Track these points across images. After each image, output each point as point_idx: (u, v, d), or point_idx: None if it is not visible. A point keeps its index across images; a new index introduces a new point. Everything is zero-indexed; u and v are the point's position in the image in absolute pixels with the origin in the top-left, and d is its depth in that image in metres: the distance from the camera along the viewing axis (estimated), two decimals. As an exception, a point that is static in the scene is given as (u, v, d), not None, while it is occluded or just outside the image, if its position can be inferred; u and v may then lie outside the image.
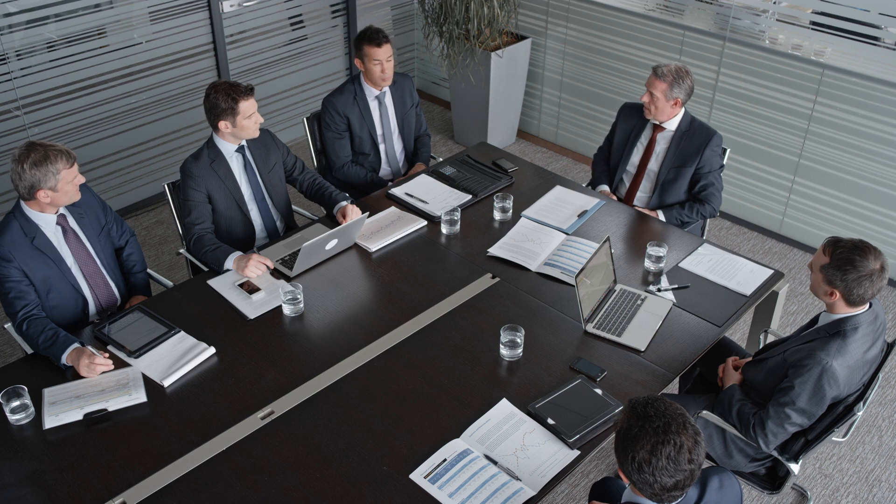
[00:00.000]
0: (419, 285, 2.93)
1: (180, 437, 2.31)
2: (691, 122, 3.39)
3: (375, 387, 2.50)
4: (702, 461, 1.80)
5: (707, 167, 3.35)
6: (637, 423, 1.79)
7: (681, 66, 3.29)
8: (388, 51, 3.57)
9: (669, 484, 1.77)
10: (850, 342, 2.36)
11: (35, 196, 2.60)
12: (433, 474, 2.20)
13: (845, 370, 2.35)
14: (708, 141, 3.32)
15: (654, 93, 3.29)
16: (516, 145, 5.54)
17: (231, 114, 3.02)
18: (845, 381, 2.36)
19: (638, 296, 2.88)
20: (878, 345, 2.46)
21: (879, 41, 3.97)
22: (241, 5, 4.76)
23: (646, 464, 1.76)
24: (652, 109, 3.34)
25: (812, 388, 2.35)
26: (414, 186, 3.51)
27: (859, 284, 2.32)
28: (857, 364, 2.38)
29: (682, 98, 3.30)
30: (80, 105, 4.31)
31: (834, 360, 2.33)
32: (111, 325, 2.69)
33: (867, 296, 2.35)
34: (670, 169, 3.39)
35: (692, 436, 1.78)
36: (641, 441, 1.77)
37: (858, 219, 4.23)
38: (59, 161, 2.58)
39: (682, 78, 3.27)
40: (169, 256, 4.39)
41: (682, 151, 3.37)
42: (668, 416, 1.78)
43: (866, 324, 2.39)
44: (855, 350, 2.37)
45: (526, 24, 5.27)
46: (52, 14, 4.05)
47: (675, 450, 1.75)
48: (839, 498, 3.12)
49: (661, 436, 1.76)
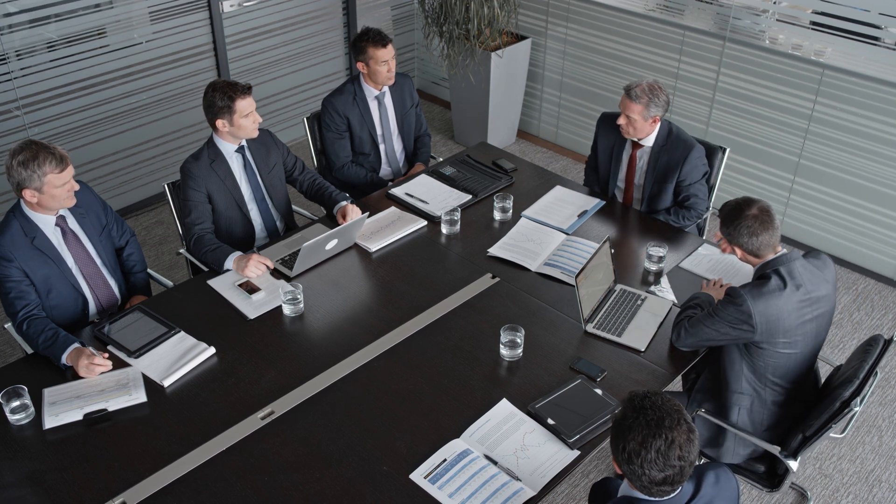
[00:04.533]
0: (419, 285, 2.93)
1: (180, 437, 2.31)
2: (668, 136, 3.32)
3: (375, 387, 2.50)
4: (694, 459, 1.80)
5: (688, 180, 3.31)
6: (632, 414, 1.81)
7: (652, 82, 3.21)
8: (392, 50, 3.58)
9: (658, 478, 1.78)
10: (767, 286, 2.45)
11: (22, 194, 2.60)
12: (433, 474, 2.20)
13: (760, 307, 2.43)
14: (686, 156, 3.26)
15: (630, 115, 3.22)
16: (516, 145, 5.54)
17: (228, 112, 3.02)
18: (762, 318, 2.44)
19: (638, 296, 2.88)
20: (815, 305, 2.51)
21: (879, 41, 3.97)
22: (241, 5, 4.76)
23: (635, 455, 1.77)
24: (630, 131, 3.28)
25: (724, 314, 2.48)
26: (414, 186, 3.51)
27: (747, 231, 2.49)
28: (778, 310, 2.44)
29: (659, 114, 3.24)
30: (80, 105, 4.32)
31: (749, 295, 2.45)
32: (111, 325, 2.69)
33: (763, 241, 2.49)
34: (653, 183, 3.38)
35: (685, 432, 1.78)
36: (633, 432, 1.79)
37: (858, 219, 4.23)
38: (47, 164, 2.54)
39: (657, 95, 3.19)
40: (169, 256, 4.39)
41: (662, 167, 3.33)
42: (663, 411, 1.79)
43: (785, 270, 2.47)
44: (771, 293, 2.44)
45: (526, 24, 5.27)
46: (52, 14, 4.05)
47: (665, 444, 1.76)
48: (839, 498, 3.12)
49: (654, 429, 1.77)
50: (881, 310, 4.08)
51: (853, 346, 3.80)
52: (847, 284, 4.25)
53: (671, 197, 3.37)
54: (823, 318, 2.56)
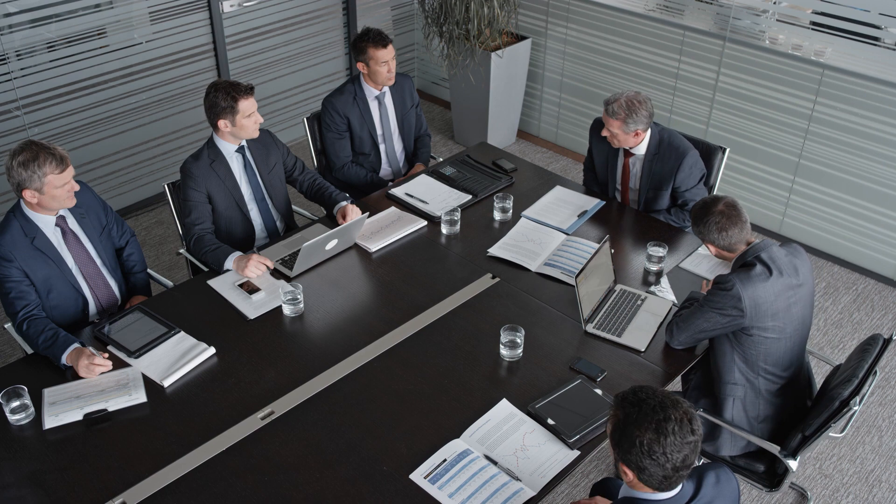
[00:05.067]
0: (419, 285, 2.93)
1: (180, 437, 2.31)
2: (660, 143, 3.29)
3: (375, 387, 2.50)
4: (702, 432, 1.82)
5: (683, 187, 3.30)
6: (633, 409, 1.81)
7: (632, 96, 3.15)
8: (392, 51, 3.58)
9: (679, 460, 1.78)
10: (753, 271, 2.48)
11: (23, 195, 2.60)
12: (433, 474, 2.20)
13: (749, 291, 2.46)
14: (679, 164, 3.24)
15: (611, 129, 3.22)
16: (516, 145, 5.54)
17: (230, 112, 3.02)
18: (751, 302, 2.46)
19: (638, 296, 2.88)
20: (797, 290, 2.53)
21: (879, 41, 3.97)
22: (241, 5, 4.76)
23: (655, 444, 1.76)
24: (615, 143, 3.28)
25: (714, 302, 2.51)
26: (414, 186, 3.51)
27: (717, 227, 2.53)
28: (766, 294, 2.47)
29: (641, 128, 3.20)
30: (80, 105, 4.32)
31: (737, 279, 2.48)
32: (111, 326, 2.69)
33: (733, 235, 2.54)
34: (648, 190, 3.37)
35: (688, 408, 1.81)
36: (644, 423, 1.78)
37: (858, 219, 4.23)
38: (47, 164, 2.55)
39: (635, 111, 3.13)
40: (169, 256, 4.39)
41: (655, 175, 3.32)
42: (658, 397, 1.82)
43: (766, 256, 2.50)
44: (758, 277, 2.47)
45: (526, 24, 5.27)
46: (52, 14, 4.05)
47: (677, 424, 1.77)
48: (839, 498, 3.12)
49: (661, 413, 1.78)
50: (881, 310, 4.09)
51: (853, 346, 3.80)
52: (847, 284, 4.25)
53: (668, 201, 3.37)
54: (806, 305, 2.59)
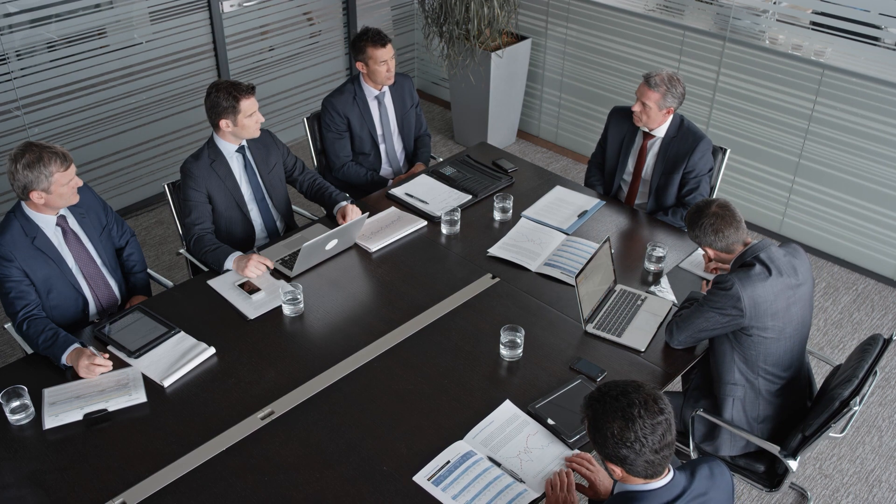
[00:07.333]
0: (419, 285, 2.93)
1: (180, 437, 2.31)
2: (679, 127, 3.35)
3: (375, 387, 2.50)
4: (671, 409, 1.83)
5: (694, 171, 3.32)
6: (598, 405, 1.84)
7: (672, 73, 3.25)
8: (391, 50, 3.58)
9: (656, 441, 1.79)
10: (753, 271, 2.48)
11: (29, 197, 2.60)
12: (437, 476, 2.20)
13: (748, 291, 2.45)
14: (695, 146, 3.28)
15: (646, 103, 3.25)
16: (516, 145, 5.54)
17: (232, 112, 3.02)
18: (750, 301, 2.45)
19: (638, 296, 2.88)
20: (796, 290, 2.52)
21: (879, 41, 3.97)
22: (241, 5, 4.76)
23: (626, 430, 1.78)
24: (644, 118, 3.30)
25: (713, 302, 2.50)
26: (414, 186, 3.51)
27: (712, 229, 2.53)
28: (765, 293, 2.46)
29: (674, 106, 3.27)
30: (80, 105, 4.32)
31: (736, 278, 2.47)
32: (111, 325, 2.69)
33: (730, 236, 2.53)
34: (661, 175, 3.38)
35: (651, 390, 1.83)
36: (610, 414, 1.81)
37: (858, 219, 4.23)
38: (53, 164, 2.56)
39: (675, 86, 3.23)
40: (169, 256, 4.39)
41: (670, 158, 3.34)
42: (620, 387, 1.84)
43: (765, 256, 2.49)
44: (757, 277, 2.46)
45: (526, 24, 5.27)
46: (52, 14, 4.05)
47: (642, 407, 1.79)
48: (839, 498, 3.12)
49: (624, 399, 1.81)
50: (881, 310, 4.09)
51: (853, 346, 3.80)
52: (847, 284, 4.25)
53: (676, 189, 3.38)
54: (806, 305, 2.58)
